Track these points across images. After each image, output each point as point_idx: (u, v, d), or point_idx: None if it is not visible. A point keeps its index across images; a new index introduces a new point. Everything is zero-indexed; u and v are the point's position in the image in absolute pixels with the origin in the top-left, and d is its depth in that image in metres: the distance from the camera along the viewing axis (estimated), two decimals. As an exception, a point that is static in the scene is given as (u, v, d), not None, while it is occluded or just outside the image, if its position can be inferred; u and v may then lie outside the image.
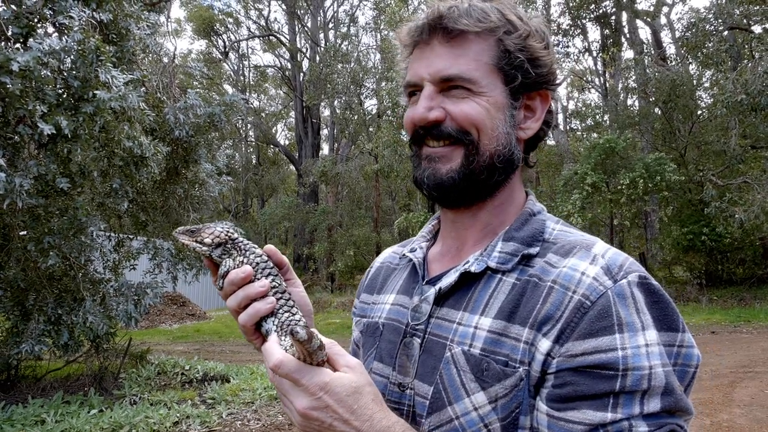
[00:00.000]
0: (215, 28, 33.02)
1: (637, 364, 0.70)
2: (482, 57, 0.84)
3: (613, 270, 0.75)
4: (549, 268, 0.79)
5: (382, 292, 1.02)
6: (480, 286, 0.83)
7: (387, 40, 28.17)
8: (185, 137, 6.35)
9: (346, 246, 24.50)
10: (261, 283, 0.84)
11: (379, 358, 0.91)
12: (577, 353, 0.71)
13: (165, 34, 16.42)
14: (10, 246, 5.42)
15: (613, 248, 0.81)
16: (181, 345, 11.53)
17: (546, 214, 0.92)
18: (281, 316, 0.84)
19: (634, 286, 0.73)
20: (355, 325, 1.05)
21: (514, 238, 0.85)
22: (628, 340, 0.70)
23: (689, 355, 0.74)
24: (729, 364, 8.12)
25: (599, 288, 0.73)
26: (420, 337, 0.86)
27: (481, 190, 0.87)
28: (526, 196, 0.94)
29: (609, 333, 0.71)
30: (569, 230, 0.88)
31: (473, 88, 0.83)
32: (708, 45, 16.44)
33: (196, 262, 7.36)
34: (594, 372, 0.71)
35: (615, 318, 0.71)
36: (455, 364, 0.79)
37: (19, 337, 5.63)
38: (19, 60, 4.21)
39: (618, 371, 0.69)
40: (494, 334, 0.77)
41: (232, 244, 0.88)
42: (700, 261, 17.13)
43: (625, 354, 0.70)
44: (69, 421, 5.29)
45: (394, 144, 19.70)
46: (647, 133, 19.87)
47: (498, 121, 0.84)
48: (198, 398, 6.52)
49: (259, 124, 34.05)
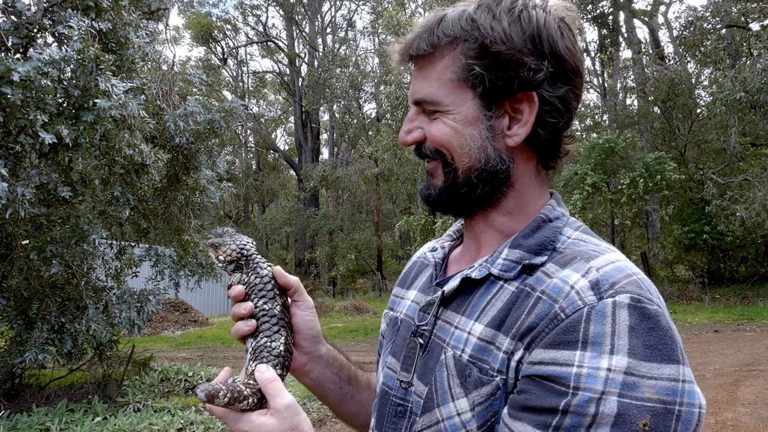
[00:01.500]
0: (213, 35, 33.10)
1: (589, 385, 0.65)
2: (445, 74, 0.83)
3: (603, 286, 0.70)
4: (544, 278, 0.77)
5: (410, 287, 1.04)
6: (480, 291, 0.83)
7: (385, 44, 28.23)
8: (185, 144, 6.37)
9: (348, 250, 24.50)
10: (245, 305, 0.90)
11: (393, 353, 0.94)
12: (536, 361, 0.70)
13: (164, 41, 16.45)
14: (13, 255, 5.44)
15: (619, 263, 0.75)
16: (184, 351, 11.53)
17: (567, 219, 0.87)
18: (260, 339, 0.89)
19: (620, 307, 0.68)
20: (383, 317, 1.07)
21: (520, 246, 0.82)
22: (588, 360, 0.66)
23: (692, 392, 0.66)
24: (732, 362, 8.10)
25: (577, 303, 0.70)
26: (424, 337, 0.87)
27: (469, 203, 0.87)
28: (550, 196, 0.90)
29: (571, 348, 0.67)
30: (586, 239, 0.83)
31: (439, 108, 0.83)
32: (706, 43, 16.47)
33: (197, 268, 7.37)
34: (546, 384, 0.68)
35: (581, 334, 0.67)
36: (447, 367, 0.80)
37: (22, 346, 5.64)
38: (20, 70, 4.24)
39: (569, 388, 0.66)
40: (483, 342, 0.77)
41: (245, 261, 0.93)
42: (702, 260, 17.11)
43: (580, 372, 0.66)
44: (73, 429, 5.30)
45: (394, 147, 19.72)
46: (647, 132, 19.89)
47: (468, 138, 0.82)
48: (202, 405, 6.52)
49: (258, 130, 34.12)
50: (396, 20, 19.98)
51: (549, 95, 0.81)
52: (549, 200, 0.89)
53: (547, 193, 0.90)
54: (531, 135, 0.83)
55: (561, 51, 0.81)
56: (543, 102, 0.81)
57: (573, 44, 0.83)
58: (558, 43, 0.81)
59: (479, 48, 0.80)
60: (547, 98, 0.81)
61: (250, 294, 0.91)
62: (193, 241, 7.15)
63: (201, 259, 7.27)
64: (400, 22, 19.57)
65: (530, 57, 0.79)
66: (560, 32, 0.82)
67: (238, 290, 0.91)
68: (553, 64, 0.81)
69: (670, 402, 0.64)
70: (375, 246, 25.19)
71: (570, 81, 0.83)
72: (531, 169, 0.87)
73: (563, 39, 0.81)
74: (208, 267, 7.38)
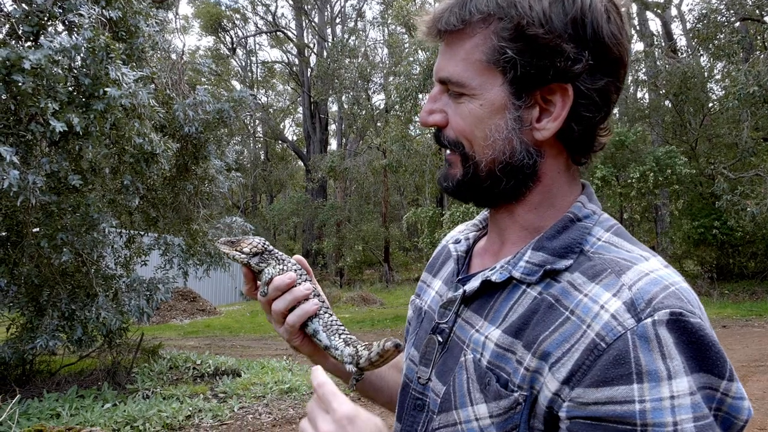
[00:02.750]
0: (223, 25, 33.07)
1: (658, 420, 0.60)
2: (474, 54, 0.75)
3: (639, 306, 0.65)
4: (571, 290, 0.71)
5: (436, 275, 1.00)
6: (503, 295, 0.78)
7: (394, 35, 28.08)
8: (195, 133, 6.38)
9: (355, 241, 24.53)
10: (305, 286, 0.94)
11: (415, 345, 0.92)
12: (590, 401, 0.64)
13: (173, 30, 16.46)
14: (24, 243, 5.49)
15: (653, 275, 0.69)
16: (192, 340, 11.63)
17: (598, 217, 0.80)
18: (324, 317, 0.94)
19: (660, 325, 0.63)
20: (410, 303, 1.05)
21: (544, 248, 0.77)
22: (648, 392, 0.61)
23: (737, 408, 0.64)
24: (740, 358, 8.07)
25: (617, 328, 0.64)
26: (444, 335, 0.85)
27: (493, 195, 0.82)
28: (582, 190, 0.84)
29: (626, 383, 0.62)
30: (617, 243, 0.76)
31: (464, 91, 0.77)
32: (719, 36, 16.24)
33: (206, 258, 7.41)
34: (608, 426, 0.63)
35: (633, 365, 0.62)
36: (467, 370, 0.77)
37: (33, 333, 5.71)
38: (31, 58, 4.25)
39: (636, 426, 0.61)
40: (500, 349, 0.74)
41: (268, 254, 0.97)
42: (711, 255, 16.99)
43: (644, 408, 0.61)
44: (84, 414, 5.36)
45: (402, 139, 19.66)
46: (658, 126, 19.70)
47: (493, 128, 0.76)
48: (210, 392, 6.58)
49: (267, 120, 34.12)
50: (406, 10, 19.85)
51: (587, 88, 0.73)
52: (580, 196, 0.82)
53: (578, 187, 0.84)
54: (563, 129, 0.76)
55: (605, 38, 0.73)
56: (579, 95, 0.74)
57: (620, 30, 0.74)
58: (603, 28, 0.72)
59: (514, 29, 0.72)
60: (584, 91, 0.74)
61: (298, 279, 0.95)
62: (201, 230, 7.19)
63: (209, 248, 7.31)
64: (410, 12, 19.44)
65: (570, 44, 0.72)
66: (606, 16, 0.73)
67: (292, 276, 0.93)
68: (594, 52, 0.73)
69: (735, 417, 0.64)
70: (382, 237, 25.21)
71: (612, 72, 0.75)
72: (561, 163, 0.81)
73: (609, 24, 0.73)
74: (217, 256, 7.41)
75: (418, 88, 17.88)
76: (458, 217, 15.01)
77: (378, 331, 12.63)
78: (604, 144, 0.81)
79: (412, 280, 24.67)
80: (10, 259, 5.85)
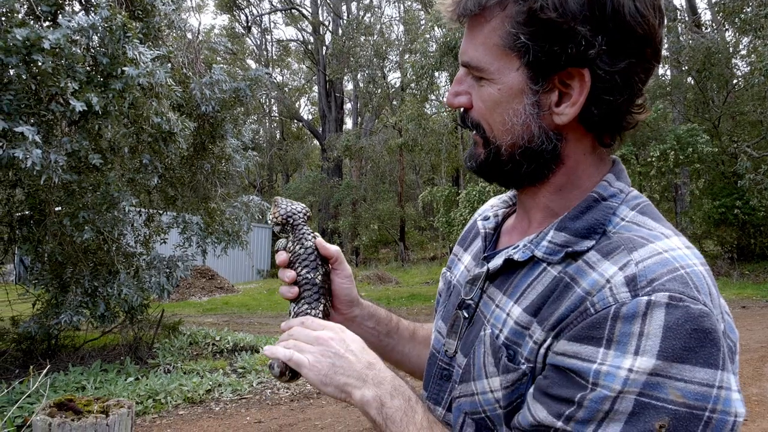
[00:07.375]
0: (237, 3, 32.83)
1: (607, 383, 0.64)
2: (491, 38, 0.75)
3: (640, 283, 0.66)
4: (586, 268, 0.72)
5: (467, 249, 1.02)
6: (523, 272, 0.80)
7: (410, 12, 27.66)
8: (211, 112, 6.40)
9: (371, 220, 24.61)
10: (288, 273, 0.97)
11: (443, 317, 0.95)
12: (561, 352, 0.69)
13: (189, 9, 16.42)
14: (47, 221, 5.60)
15: (666, 254, 0.68)
16: (210, 317, 11.83)
17: (625, 196, 0.79)
18: (301, 306, 0.96)
19: (655, 306, 0.63)
20: (441, 275, 1.07)
21: (566, 229, 0.77)
22: (610, 358, 0.64)
23: (728, 400, 0.63)
24: (759, 338, 8.00)
25: (608, 299, 0.66)
26: (470, 310, 0.87)
27: (516, 177, 0.83)
28: (610, 167, 0.83)
29: (595, 345, 0.65)
30: (641, 221, 0.76)
31: (484, 75, 0.77)
32: (746, 10, 15.71)
33: (224, 236, 7.49)
34: (567, 374, 0.67)
35: (607, 332, 0.65)
36: (484, 345, 0.80)
37: (58, 309, 5.86)
38: (50, 38, 4.28)
39: (587, 383, 0.65)
40: (519, 327, 0.76)
41: (291, 228, 1.00)
42: (732, 235, 16.71)
43: (599, 369, 0.64)
44: (107, 387, 5.52)
45: (418, 117, 19.53)
46: (679, 103, 19.27)
47: (511, 113, 0.76)
48: (229, 367, 6.72)
49: (282, 99, 34.07)
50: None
51: (605, 71, 0.72)
52: (607, 174, 0.81)
53: (606, 166, 0.83)
54: (584, 112, 0.75)
55: (627, 16, 0.70)
56: (597, 78, 0.72)
57: (646, 6, 0.71)
58: (625, 6, 0.70)
59: (527, 13, 0.71)
60: (602, 74, 0.72)
61: (295, 262, 0.98)
62: (219, 209, 7.25)
63: (227, 226, 7.38)
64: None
65: (585, 26, 0.69)
66: None
67: (282, 258, 0.98)
68: (615, 33, 0.70)
69: (698, 407, 0.62)
70: (398, 216, 25.25)
71: (636, 52, 0.72)
72: (586, 145, 0.80)
73: (634, 1, 0.70)
74: (234, 234, 7.49)
75: (435, 66, 17.65)
76: (474, 197, 14.94)
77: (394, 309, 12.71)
78: (638, 121, 0.79)
79: (427, 259, 24.72)
80: (34, 237, 5.98)
